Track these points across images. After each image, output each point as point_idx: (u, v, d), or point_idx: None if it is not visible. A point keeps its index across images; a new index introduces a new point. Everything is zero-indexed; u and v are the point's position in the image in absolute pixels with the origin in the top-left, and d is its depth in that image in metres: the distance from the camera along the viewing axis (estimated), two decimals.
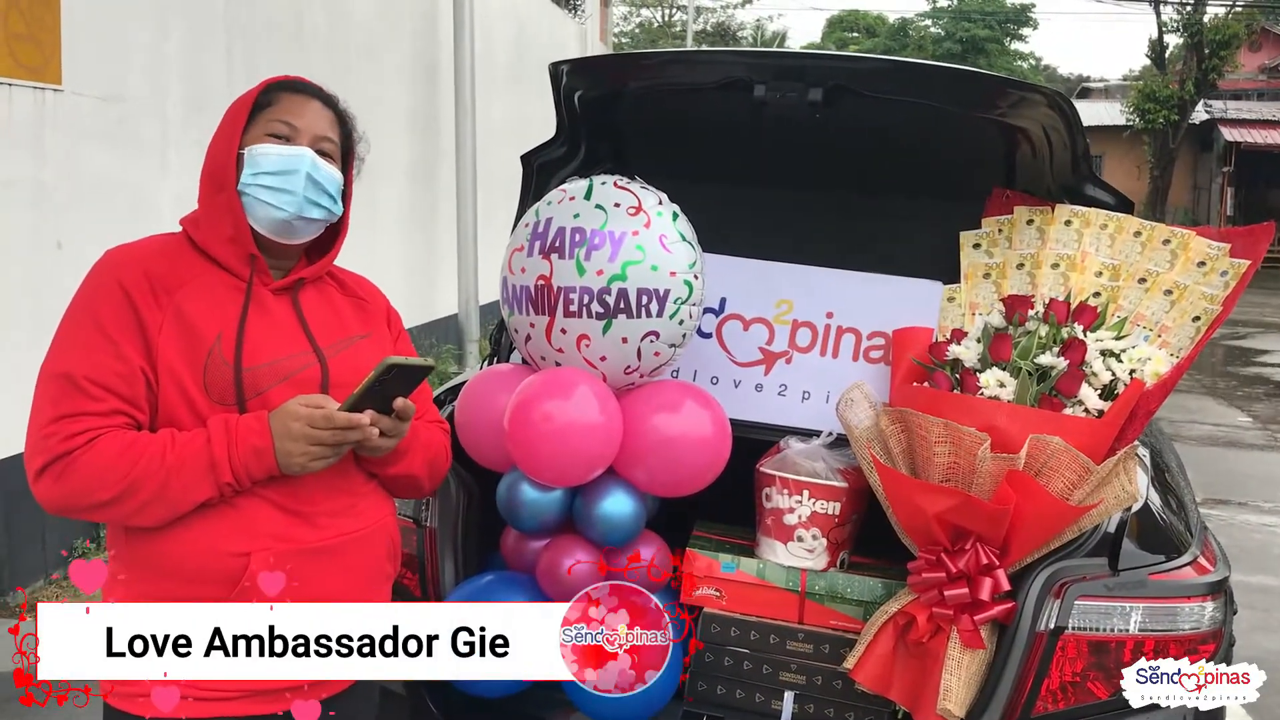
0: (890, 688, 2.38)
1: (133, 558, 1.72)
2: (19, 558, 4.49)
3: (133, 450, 1.63)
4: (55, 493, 1.64)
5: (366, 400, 1.69)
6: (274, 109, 1.81)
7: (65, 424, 1.63)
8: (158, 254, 1.76)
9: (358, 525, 1.82)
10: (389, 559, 1.92)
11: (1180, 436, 8.34)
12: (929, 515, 2.31)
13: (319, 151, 1.81)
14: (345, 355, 1.83)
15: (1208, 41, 25.32)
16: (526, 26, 12.14)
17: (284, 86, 1.84)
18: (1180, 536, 2.48)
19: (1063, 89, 2.62)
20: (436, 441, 1.99)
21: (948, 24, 40.72)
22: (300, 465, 1.69)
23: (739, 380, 2.93)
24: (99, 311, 1.68)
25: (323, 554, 1.76)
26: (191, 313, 1.71)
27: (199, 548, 1.68)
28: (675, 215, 2.48)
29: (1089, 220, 2.71)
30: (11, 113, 4.35)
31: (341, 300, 1.92)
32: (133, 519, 1.67)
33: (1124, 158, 28.44)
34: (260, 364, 1.73)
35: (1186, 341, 2.49)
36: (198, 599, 1.67)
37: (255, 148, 1.77)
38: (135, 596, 1.69)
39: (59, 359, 1.68)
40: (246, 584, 1.67)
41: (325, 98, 1.87)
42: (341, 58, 7.55)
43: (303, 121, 1.81)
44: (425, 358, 1.75)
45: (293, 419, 1.67)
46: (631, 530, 2.45)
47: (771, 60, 2.98)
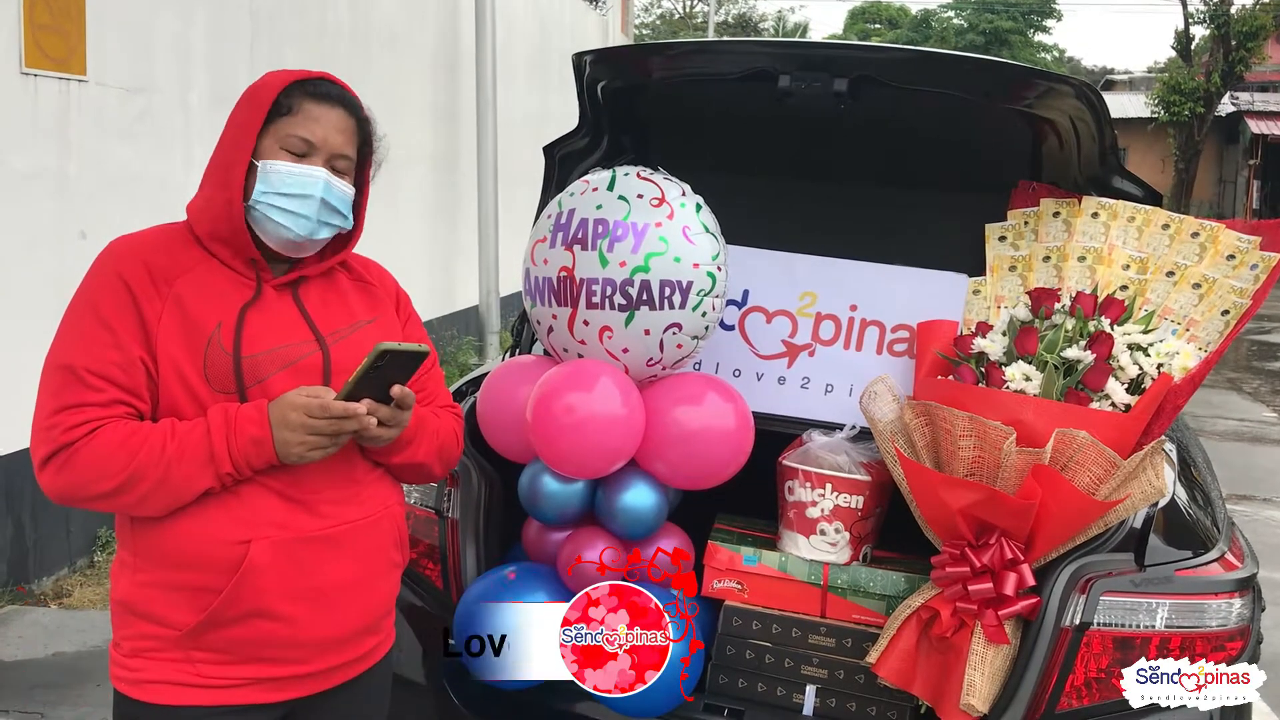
0: (913, 682, 2.37)
1: (137, 545, 1.72)
2: (45, 547, 4.53)
3: (133, 441, 1.63)
4: (58, 483, 1.65)
5: (362, 388, 1.67)
6: (293, 119, 1.75)
7: (67, 415, 1.63)
8: (159, 245, 1.74)
9: (361, 513, 1.80)
10: (396, 548, 1.90)
11: (1204, 431, 8.27)
12: (953, 509, 2.30)
13: (334, 169, 1.78)
14: (348, 342, 1.81)
15: (1234, 33, 25.06)
16: (548, 18, 12.14)
17: (306, 91, 1.77)
18: (1207, 532, 2.45)
19: (1087, 80, 2.58)
20: (446, 428, 1.95)
21: (970, 15, 40.51)
22: (298, 455, 1.67)
23: (762, 373, 2.92)
24: (99, 303, 1.68)
25: (325, 541, 1.75)
26: (191, 302, 1.70)
27: (200, 535, 1.68)
28: (699, 207, 2.47)
29: (1116, 213, 2.68)
30: (37, 104, 4.37)
31: (348, 285, 1.90)
32: (135, 509, 1.68)
33: (1148, 151, 28.22)
34: (260, 351, 1.72)
35: (1215, 336, 2.47)
36: (199, 586, 1.68)
37: (270, 164, 1.73)
38: (140, 584, 1.71)
39: (61, 351, 1.68)
40: (246, 571, 1.67)
41: (347, 103, 1.80)
42: (364, 49, 7.56)
43: (320, 136, 1.75)
44: (419, 344, 1.73)
45: (290, 409, 1.66)
46: (653, 523, 2.44)
47: (796, 51, 2.96)
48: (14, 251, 4.27)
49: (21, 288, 4.28)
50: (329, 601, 1.76)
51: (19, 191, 4.31)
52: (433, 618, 2.52)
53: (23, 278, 4.29)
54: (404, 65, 8.27)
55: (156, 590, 1.70)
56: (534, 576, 2.49)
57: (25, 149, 4.34)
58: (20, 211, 4.31)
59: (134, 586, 1.71)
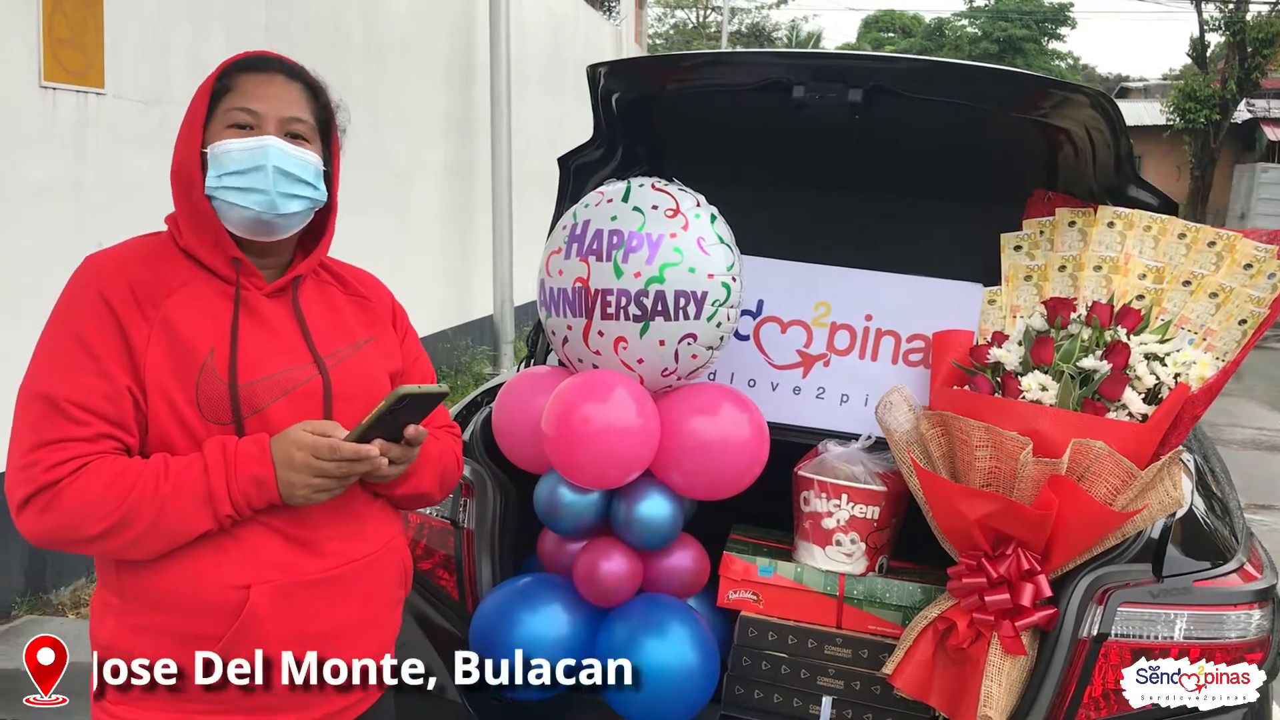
0: (930, 694, 2.36)
1: (124, 587, 1.58)
2: (62, 557, 4.54)
3: (123, 479, 1.50)
4: (41, 527, 1.51)
5: (375, 429, 1.58)
6: (233, 95, 1.63)
7: (48, 452, 1.49)
8: (142, 260, 1.62)
9: (366, 550, 1.70)
10: (400, 584, 1.81)
11: (1222, 440, 8.21)
12: (969, 520, 2.29)
13: (290, 135, 1.65)
14: (348, 364, 1.70)
15: (1250, 39, 24.94)
16: (562, 28, 12.17)
17: (242, 66, 1.66)
18: (1226, 543, 2.44)
19: (1101, 89, 2.56)
20: (448, 451, 1.86)
21: (985, 24, 40.41)
22: (303, 497, 1.57)
23: (777, 383, 2.92)
24: (80, 326, 1.55)
25: (329, 584, 1.64)
26: (181, 325, 1.57)
27: (196, 579, 1.55)
28: (713, 217, 2.47)
29: (1132, 222, 2.67)
30: (55, 116, 4.41)
31: (343, 300, 1.78)
32: (126, 553, 1.54)
33: (1164, 158, 28.10)
34: (257, 379, 1.60)
35: (1232, 345, 2.45)
36: (195, 633, 1.56)
37: (217, 145, 1.61)
38: (128, 629, 1.58)
39: (39, 379, 1.54)
40: (246, 618, 1.56)
41: (289, 70, 1.69)
42: (378, 61, 7.59)
43: (265, 105, 1.63)
44: (440, 384, 1.64)
45: (296, 448, 1.55)
46: (669, 533, 2.44)
47: (810, 61, 2.96)
48: (32, 262, 4.30)
49: (39, 298, 4.28)
50: (330, 648, 1.64)
51: (37, 203, 4.34)
52: (448, 629, 2.52)
53: (41, 288, 4.30)
54: (418, 77, 8.30)
55: (146, 636, 1.57)
56: (549, 587, 2.49)
57: (44, 161, 4.38)
58: (38, 222, 4.34)
59: (122, 629, 1.58)
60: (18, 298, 4.21)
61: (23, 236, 4.28)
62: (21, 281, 4.25)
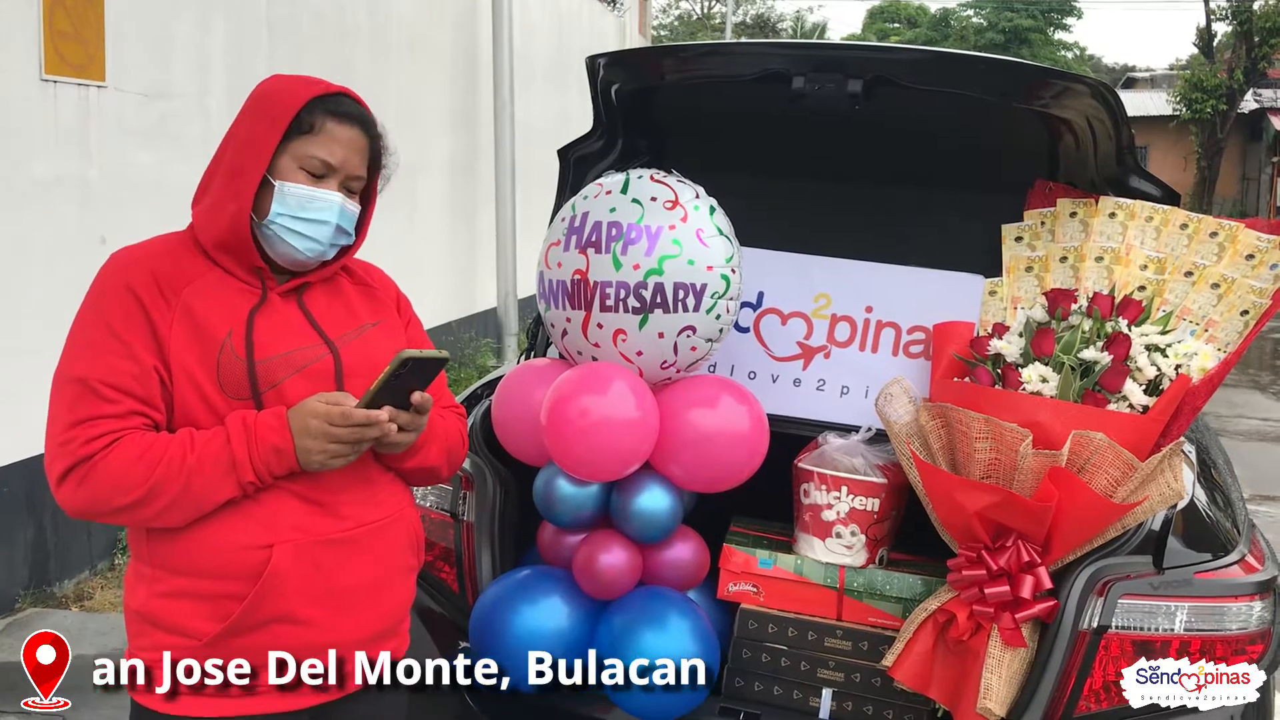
0: (930, 686, 2.36)
1: (154, 555, 1.71)
2: (66, 549, 4.56)
3: (152, 453, 1.63)
4: (78, 498, 1.63)
5: (383, 396, 1.68)
6: (313, 139, 1.74)
7: (83, 428, 1.62)
8: (164, 254, 1.74)
9: (379, 514, 1.81)
10: (412, 551, 1.91)
11: (1225, 431, 8.20)
12: (969, 512, 2.29)
13: (347, 191, 1.79)
14: (356, 344, 1.82)
15: (1258, 29, 24.88)
16: (565, 21, 12.14)
17: (328, 109, 1.76)
18: (1227, 534, 2.44)
19: (1107, 79, 2.56)
20: (454, 429, 1.97)
21: (990, 14, 40.31)
22: (320, 463, 1.68)
23: (776, 375, 2.91)
24: (108, 314, 1.68)
25: (345, 544, 1.75)
26: (200, 310, 1.70)
27: (221, 543, 1.67)
28: (712, 209, 2.46)
29: (1134, 213, 2.66)
30: (57, 110, 4.40)
31: (350, 288, 1.90)
32: (156, 521, 1.66)
33: (1171, 148, 28.04)
34: (272, 356, 1.72)
35: (1234, 336, 2.45)
36: (221, 593, 1.67)
37: (288, 186, 1.73)
38: (159, 594, 1.70)
39: (72, 364, 1.67)
40: (269, 576, 1.67)
41: (365, 123, 1.80)
42: (382, 53, 7.58)
43: (340, 158, 1.76)
44: (439, 349, 1.73)
45: (311, 416, 1.66)
46: (668, 526, 2.44)
47: (810, 52, 2.96)
48: (35, 257, 4.30)
49: (42, 293, 4.30)
50: (348, 604, 1.76)
51: (40, 197, 4.34)
52: (448, 620, 2.52)
53: (44, 283, 4.32)
54: (422, 70, 8.29)
55: (177, 600, 1.69)
56: (549, 580, 2.49)
57: (46, 155, 4.37)
58: (41, 217, 4.34)
59: (152, 597, 1.70)
60: (20, 290, 4.22)
61: (25, 230, 4.28)
62: (23, 274, 4.26)
